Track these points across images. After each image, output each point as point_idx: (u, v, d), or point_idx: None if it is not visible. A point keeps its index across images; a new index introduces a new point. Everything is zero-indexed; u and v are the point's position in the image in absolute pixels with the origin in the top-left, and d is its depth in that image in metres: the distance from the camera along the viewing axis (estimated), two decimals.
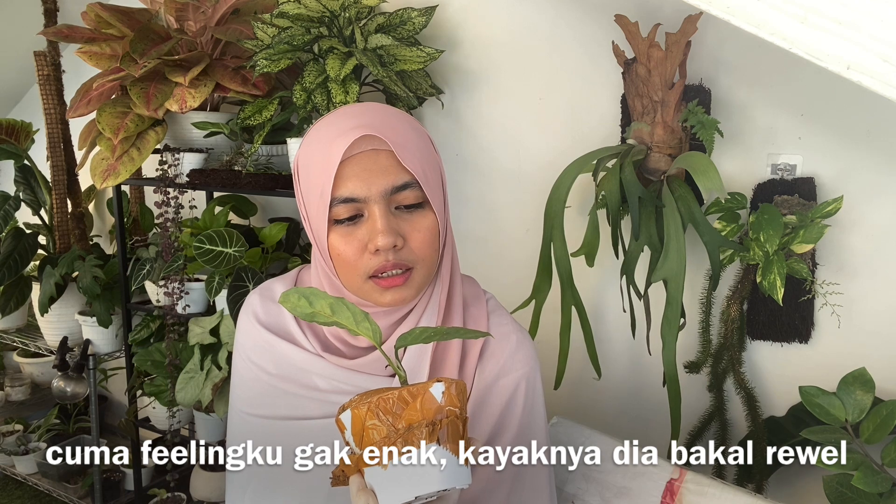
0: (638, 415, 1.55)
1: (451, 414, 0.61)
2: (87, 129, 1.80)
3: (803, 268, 1.24)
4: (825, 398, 1.15)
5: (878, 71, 0.80)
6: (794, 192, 1.29)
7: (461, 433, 0.62)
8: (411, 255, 0.78)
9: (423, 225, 0.79)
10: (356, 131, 0.76)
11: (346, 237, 0.78)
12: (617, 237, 1.34)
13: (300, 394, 0.85)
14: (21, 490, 2.36)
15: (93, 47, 1.71)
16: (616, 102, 1.46)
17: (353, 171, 0.76)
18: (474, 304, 0.90)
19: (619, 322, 1.52)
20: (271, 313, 0.90)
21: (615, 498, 1.06)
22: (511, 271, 1.62)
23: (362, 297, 0.81)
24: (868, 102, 1.22)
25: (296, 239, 1.87)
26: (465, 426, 0.63)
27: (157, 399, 1.80)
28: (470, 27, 1.63)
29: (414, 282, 0.79)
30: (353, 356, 0.85)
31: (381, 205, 0.76)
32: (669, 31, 1.28)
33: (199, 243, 1.59)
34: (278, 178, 1.64)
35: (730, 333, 1.36)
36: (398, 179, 0.77)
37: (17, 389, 2.59)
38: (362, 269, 0.78)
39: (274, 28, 1.54)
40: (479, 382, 0.84)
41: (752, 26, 0.87)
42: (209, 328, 1.68)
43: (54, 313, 2.06)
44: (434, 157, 0.83)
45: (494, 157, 1.66)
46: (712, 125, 1.28)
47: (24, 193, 2.20)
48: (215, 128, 1.71)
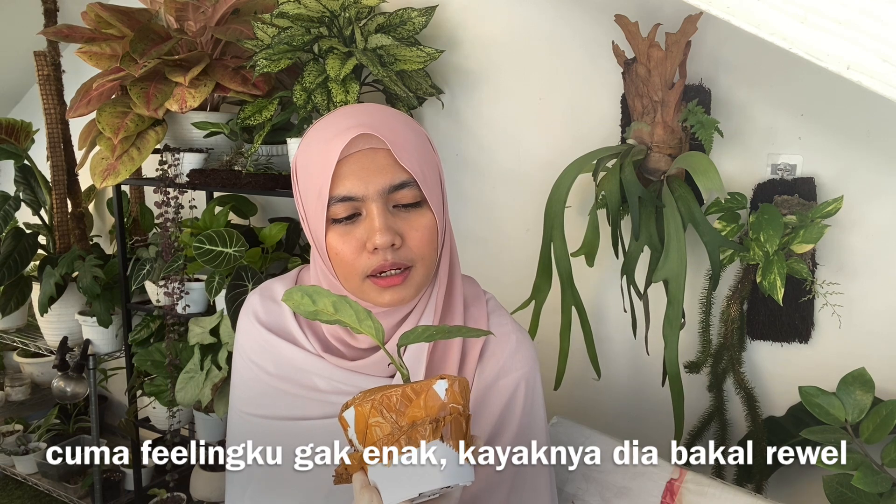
0: (638, 415, 1.55)
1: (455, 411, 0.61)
2: (87, 129, 1.80)
3: (803, 268, 1.24)
4: (825, 398, 1.15)
5: (878, 71, 0.80)
6: (794, 192, 1.29)
7: (464, 430, 0.62)
8: (410, 255, 0.78)
9: (421, 224, 0.78)
10: (353, 130, 0.76)
11: (345, 237, 0.78)
12: (617, 237, 1.34)
13: (300, 394, 0.85)
14: (21, 490, 2.36)
15: (93, 47, 1.71)
16: (616, 102, 1.46)
17: (351, 170, 0.76)
18: (474, 304, 0.90)
19: (619, 322, 1.52)
20: (272, 313, 0.90)
21: (615, 498, 1.06)
22: (511, 271, 1.62)
23: (361, 297, 0.80)
24: (868, 102, 1.22)
25: (296, 239, 1.87)
26: (469, 423, 0.63)
27: (157, 399, 1.80)
28: (470, 27, 1.63)
29: (412, 281, 0.79)
30: (353, 357, 0.85)
31: (379, 203, 0.76)
32: (669, 31, 1.28)
33: (199, 243, 1.59)
34: (278, 178, 1.64)
35: (730, 333, 1.36)
36: (396, 178, 0.77)
37: (17, 389, 2.59)
38: (360, 268, 0.78)
39: (274, 28, 1.54)
40: (479, 383, 0.84)
41: (752, 26, 0.87)
42: (209, 328, 1.68)
43: (54, 313, 2.06)
44: (432, 156, 0.83)
45: (494, 157, 1.66)
46: (711, 125, 1.28)
47: (24, 193, 2.20)
48: (215, 128, 1.71)
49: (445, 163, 1.70)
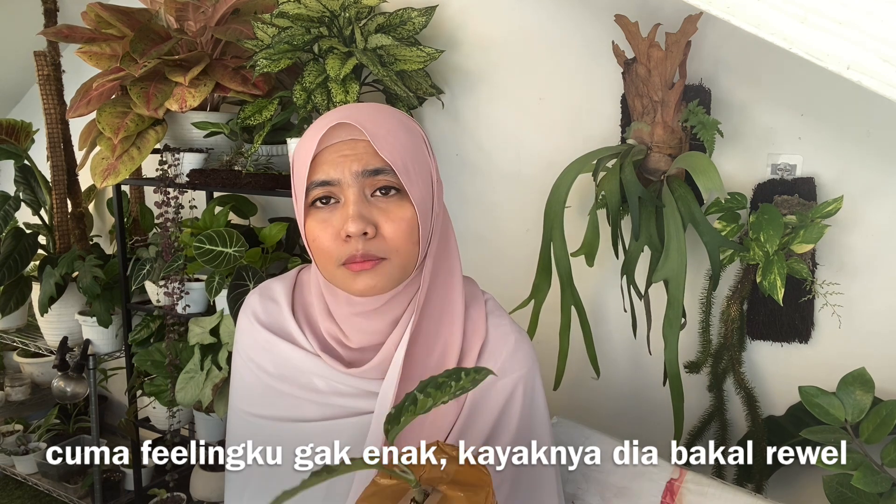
0: (638, 415, 1.55)
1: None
2: (87, 129, 1.80)
3: (803, 268, 1.24)
4: (825, 398, 1.15)
5: (878, 71, 0.80)
6: (794, 192, 1.29)
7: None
8: (383, 246, 0.78)
9: (397, 215, 0.78)
10: (335, 121, 0.78)
11: (322, 223, 0.79)
12: (617, 237, 1.34)
13: (299, 395, 0.85)
14: (21, 490, 2.36)
15: (93, 47, 1.71)
16: (616, 102, 1.46)
17: (330, 158, 0.78)
18: (472, 305, 0.90)
19: (618, 322, 1.52)
20: (271, 313, 0.90)
21: (615, 498, 1.06)
22: (511, 271, 1.62)
23: (337, 284, 0.81)
24: (868, 102, 1.21)
25: (296, 239, 1.87)
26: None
27: (157, 399, 1.80)
28: (470, 27, 1.63)
29: (384, 271, 0.79)
30: (348, 357, 0.85)
31: (355, 189, 0.77)
32: (669, 31, 1.28)
33: (199, 243, 1.59)
34: (278, 178, 1.64)
35: (730, 333, 1.36)
36: (371, 164, 0.77)
37: (17, 389, 2.59)
38: (335, 256, 0.78)
39: (274, 28, 1.54)
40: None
41: (752, 26, 0.87)
42: (209, 328, 1.68)
43: (54, 313, 2.06)
44: (423, 155, 0.82)
45: (494, 156, 1.66)
46: (713, 126, 1.27)
47: (24, 193, 2.20)
48: (215, 128, 1.71)
49: (445, 163, 1.70)
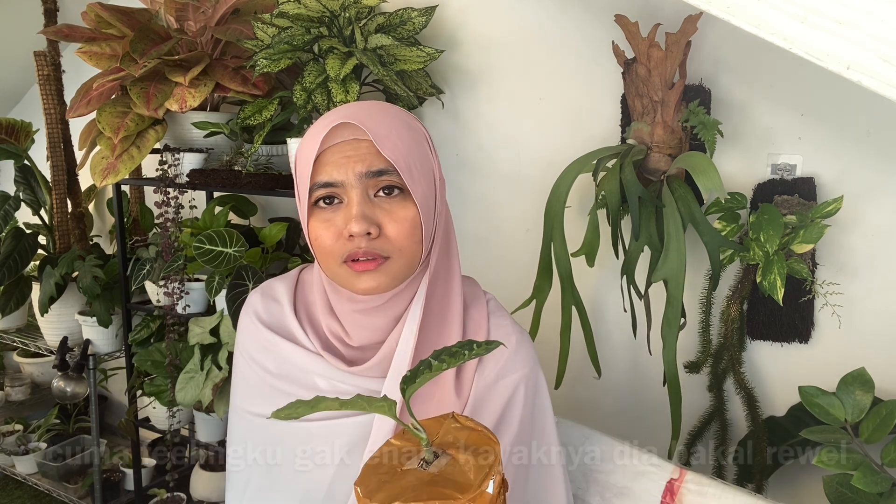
0: (638, 415, 1.55)
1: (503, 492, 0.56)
2: (87, 128, 1.80)
3: (803, 268, 1.24)
4: (825, 398, 1.15)
5: (878, 71, 0.80)
6: (794, 192, 1.29)
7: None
8: (387, 245, 0.78)
9: (400, 215, 0.78)
10: (337, 120, 0.78)
11: (325, 223, 0.79)
12: (617, 237, 1.34)
13: (301, 394, 0.85)
14: (21, 490, 2.36)
15: (93, 47, 1.71)
16: (616, 102, 1.46)
17: (333, 158, 0.78)
18: (474, 305, 0.90)
19: (619, 322, 1.52)
20: (273, 312, 0.90)
21: (615, 498, 1.06)
22: (511, 271, 1.63)
23: (339, 283, 0.81)
24: (868, 102, 1.22)
25: (296, 239, 1.87)
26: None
27: (157, 399, 1.80)
28: (470, 27, 1.63)
29: (388, 270, 0.79)
30: (350, 356, 0.85)
31: (359, 189, 0.77)
32: (669, 31, 1.28)
33: (199, 243, 1.59)
34: (278, 178, 1.64)
35: (730, 333, 1.36)
36: (374, 164, 0.77)
37: (17, 389, 2.59)
38: (338, 254, 0.78)
39: (274, 28, 1.54)
40: (479, 383, 0.84)
41: (752, 26, 0.87)
42: (209, 328, 1.68)
43: (54, 313, 2.06)
44: (425, 153, 0.82)
45: (494, 157, 1.66)
46: (714, 126, 1.28)
47: (24, 193, 2.20)
48: (215, 128, 1.71)
49: (445, 163, 1.70)
